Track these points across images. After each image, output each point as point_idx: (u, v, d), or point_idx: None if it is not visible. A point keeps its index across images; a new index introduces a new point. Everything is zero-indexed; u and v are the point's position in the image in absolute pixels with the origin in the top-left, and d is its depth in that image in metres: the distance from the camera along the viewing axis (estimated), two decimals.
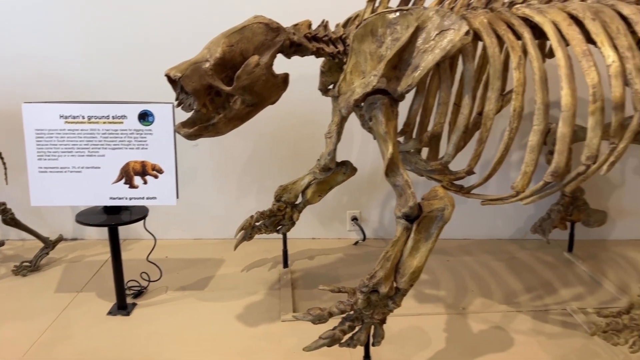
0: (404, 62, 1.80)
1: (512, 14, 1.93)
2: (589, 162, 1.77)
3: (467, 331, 2.22)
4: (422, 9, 1.83)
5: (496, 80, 1.86)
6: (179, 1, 2.84)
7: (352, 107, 1.83)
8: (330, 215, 3.16)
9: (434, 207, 1.77)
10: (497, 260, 2.88)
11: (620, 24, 1.82)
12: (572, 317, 2.31)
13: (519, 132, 1.88)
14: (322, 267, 2.82)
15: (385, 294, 1.75)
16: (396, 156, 1.80)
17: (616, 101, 1.72)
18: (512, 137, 1.85)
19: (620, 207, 3.10)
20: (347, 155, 2.95)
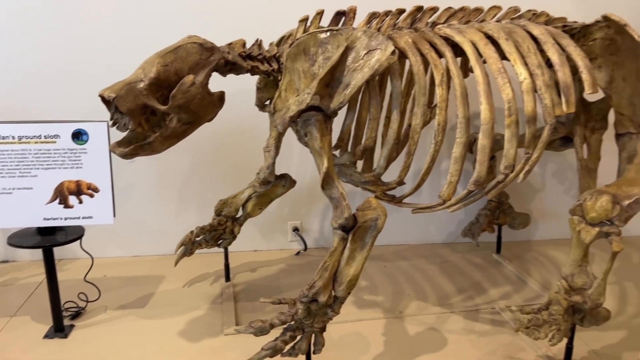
0: (335, 80, 1.88)
1: (434, 34, 2.07)
2: (507, 171, 1.93)
3: (404, 334, 2.33)
4: (351, 29, 1.93)
5: (421, 96, 1.98)
6: (113, 21, 2.81)
7: (288, 124, 1.89)
8: (271, 226, 3.21)
9: (367, 217, 1.86)
10: (431, 264, 3.03)
11: (531, 44, 1.99)
12: (500, 315, 2.46)
13: (449, 144, 2.01)
14: (265, 278, 2.86)
15: (324, 302, 1.82)
16: (331, 170, 1.87)
17: (529, 115, 1.88)
18: (438, 149, 1.98)
19: (542, 209, 3.33)
20: (286, 167, 3.01)
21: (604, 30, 2.11)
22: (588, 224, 1.85)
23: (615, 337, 2.30)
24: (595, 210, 1.82)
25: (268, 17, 2.81)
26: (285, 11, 2.81)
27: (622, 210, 1.82)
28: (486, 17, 2.19)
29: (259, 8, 2.87)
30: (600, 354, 2.17)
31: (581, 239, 1.88)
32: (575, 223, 1.89)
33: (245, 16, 2.84)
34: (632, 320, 2.43)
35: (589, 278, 1.91)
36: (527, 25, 2.08)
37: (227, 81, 2.15)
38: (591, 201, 1.84)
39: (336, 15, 2.10)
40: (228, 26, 2.53)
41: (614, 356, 2.16)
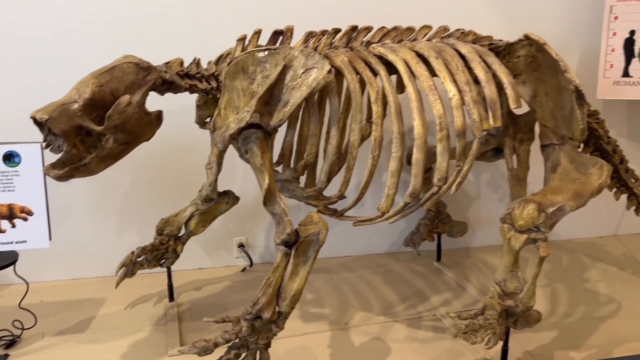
0: (274, 98, 1.92)
1: (369, 52, 2.15)
2: (440, 183, 2.01)
3: (350, 345, 2.37)
4: (288, 48, 1.97)
5: (358, 113, 2.04)
6: (44, 39, 2.73)
7: (228, 141, 1.91)
8: (216, 244, 3.18)
9: (310, 231, 1.89)
10: (375, 274, 3.09)
11: (459, 62, 2.10)
12: (441, 322, 2.55)
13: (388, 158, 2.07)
14: (210, 297, 2.84)
15: (268, 319, 1.83)
16: (273, 186, 1.90)
17: (458, 129, 1.98)
18: (375, 163, 2.05)
19: (479, 217, 3.47)
20: (230, 183, 3.01)
21: (526, 48, 2.24)
22: (517, 231, 1.96)
23: (547, 337, 2.42)
24: (522, 218, 1.93)
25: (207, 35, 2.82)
26: (224, 28, 2.84)
27: (547, 217, 1.94)
28: (418, 36, 2.29)
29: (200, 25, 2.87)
30: (534, 354, 2.29)
31: (511, 245, 1.98)
32: (505, 231, 2.00)
33: (185, 34, 2.84)
34: (562, 321, 2.58)
35: (519, 283, 2.01)
36: (455, 44, 2.19)
37: (168, 98, 2.15)
38: (519, 210, 1.95)
39: (274, 35, 2.14)
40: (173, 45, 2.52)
41: (547, 355, 2.28)
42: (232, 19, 2.87)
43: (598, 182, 2.08)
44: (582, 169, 2.14)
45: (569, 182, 2.10)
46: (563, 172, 2.17)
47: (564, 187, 2.07)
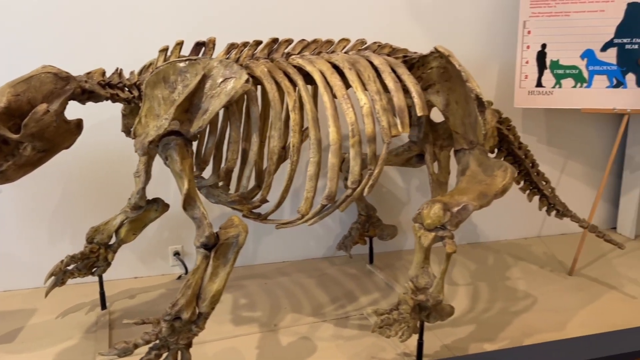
0: (194, 106, 2.00)
1: (288, 63, 2.26)
2: (353, 185, 2.13)
3: (277, 345, 2.45)
4: (208, 59, 2.06)
5: (277, 121, 2.14)
6: None
7: (147, 148, 1.97)
8: (151, 252, 3.21)
9: (229, 234, 1.97)
10: (309, 277, 3.19)
11: (372, 72, 2.23)
12: (366, 320, 2.66)
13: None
14: (144, 304, 2.86)
15: (187, 319, 1.89)
16: (192, 191, 1.97)
17: (369, 135, 2.11)
18: (294, 168, 2.15)
19: (409, 221, 3.62)
20: (164, 190, 3.06)
21: (437, 59, 2.40)
22: (426, 229, 2.10)
23: (465, 331, 2.57)
24: (430, 217, 2.07)
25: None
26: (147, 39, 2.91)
27: (453, 216, 2.08)
28: (336, 48, 2.42)
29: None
30: (450, 347, 2.43)
31: (421, 243, 2.11)
32: (416, 229, 2.13)
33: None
34: (481, 316, 2.73)
35: (430, 278, 2.15)
36: (369, 56, 2.33)
37: (100, 105, 2.20)
38: (427, 210, 2.09)
39: (196, 46, 2.22)
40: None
41: (463, 348, 2.42)
42: (155, 29, 2.93)
43: (502, 183, 2.24)
44: (489, 172, 2.30)
45: (476, 183, 2.26)
46: (471, 174, 2.32)
47: (471, 188, 2.22)
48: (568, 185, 3.88)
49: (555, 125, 3.76)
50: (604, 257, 3.50)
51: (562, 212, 2.95)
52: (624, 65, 3.07)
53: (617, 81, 3.09)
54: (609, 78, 3.11)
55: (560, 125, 3.76)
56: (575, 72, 3.16)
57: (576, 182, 3.91)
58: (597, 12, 3.09)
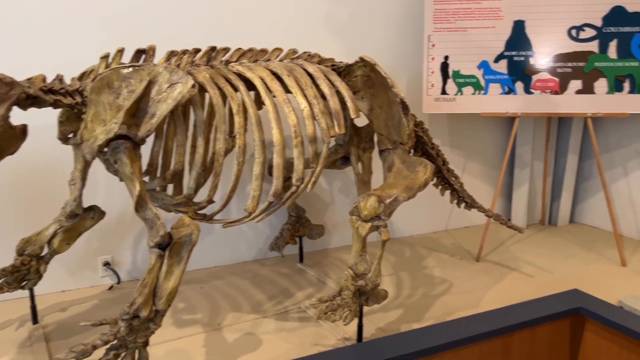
0: (141, 110, 2.06)
1: (228, 70, 2.38)
2: (298, 183, 2.30)
3: (224, 342, 2.53)
4: (152, 65, 2.13)
5: (222, 124, 2.26)
6: None
7: (96, 152, 2.00)
8: (79, 264, 3.13)
9: (182, 233, 2.05)
10: (244, 279, 3.29)
11: (307, 79, 2.42)
12: (305, 313, 2.82)
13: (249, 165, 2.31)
14: (77, 316, 2.79)
15: (146, 317, 1.94)
16: (143, 193, 2.03)
17: (310, 136, 2.29)
18: (240, 169, 2.27)
19: (334, 221, 3.85)
20: (92, 200, 3.01)
21: (362, 68, 2.65)
22: (363, 220, 2.31)
23: (395, 315, 2.82)
24: (366, 209, 2.29)
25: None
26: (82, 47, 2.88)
27: (386, 207, 2.32)
28: (271, 56, 2.58)
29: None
30: (385, 330, 2.65)
31: (359, 233, 2.33)
32: (354, 221, 2.34)
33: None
34: (406, 301, 3.00)
35: (368, 265, 2.36)
36: (303, 64, 2.52)
37: (27, 114, 2.16)
38: (363, 202, 2.31)
39: (137, 53, 2.28)
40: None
41: (395, 329, 2.66)
42: (93, 39, 2.92)
43: (424, 177, 2.53)
44: (411, 168, 2.58)
45: (402, 178, 2.53)
46: (396, 171, 2.59)
47: (398, 183, 2.48)
48: (468, 183, 4.33)
49: (457, 129, 4.19)
50: (503, 244, 3.96)
51: (470, 204, 3.32)
52: (513, 75, 3.54)
53: (509, 88, 3.56)
54: (502, 86, 3.57)
55: (461, 129, 4.21)
56: (474, 80, 3.58)
57: (475, 180, 4.38)
58: (490, 29, 3.54)
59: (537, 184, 4.37)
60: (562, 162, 4.34)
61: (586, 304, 2.64)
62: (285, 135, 2.29)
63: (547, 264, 3.54)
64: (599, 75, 3.48)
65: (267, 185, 3.26)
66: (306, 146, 2.99)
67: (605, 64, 3.46)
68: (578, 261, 3.59)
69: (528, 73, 3.53)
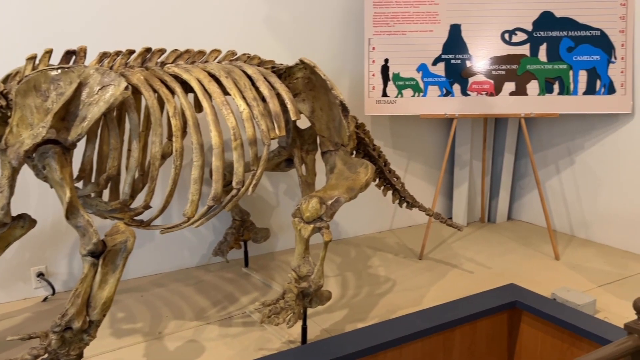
0: (71, 114, 1.98)
1: (164, 72, 2.33)
2: (238, 186, 2.28)
3: (165, 351, 2.46)
4: (83, 67, 2.06)
5: (157, 127, 2.20)
6: None
7: (23, 158, 1.91)
8: (11, 276, 2.97)
9: (117, 240, 1.98)
10: (187, 286, 3.22)
11: (247, 81, 2.40)
12: (250, 317, 2.79)
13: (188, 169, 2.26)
14: (9, 330, 2.65)
15: (79, 328, 1.86)
16: (74, 199, 1.95)
17: (250, 138, 2.28)
18: (178, 172, 2.22)
19: (279, 223, 3.83)
20: (24, 208, 2.87)
21: (302, 70, 2.65)
22: (305, 222, 2.31)
23: (340, 315, 2.83)
24: (308, 211, 2.29)
25: None
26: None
27: (328, 208, 2.33)
28: (209, 58, 2.54)
29: None
30: (329, 330, 2.66)
31: (302, 235, 2.32)
32: (296, 223, 2.34)
33: None
34: (351, 301, 3.03)
35: (311, 266, 2.36)
36: (242, 65, 2.50)
37: None
38: (305, 204, 2.31)
39: (66, 54, 2.19)
40: None
41: (340, 329, 2.68)
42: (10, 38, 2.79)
43: (365, 178, 2.56)
44: (353, 169, 2.60)
45: (343, 179, 2.55)
46: (338, 172, 2.60)
47: (339, 184, 2.50)
48: (411, 183, 4.42)
49: (398, 131, 4.27)
50: (444, 242, 4.06)
51: (411, 204, 3.39)
52: (451, 77, 3.65)
53: (447, 90, 3.66)
54: (440, 88, 3.66)
55: (403, 131, 4.29)
56: (413, 83, 3.66)
57: (417, 179, 4.47)
58: (427, 32, 3.63)
59: (476, 182, 4.52)
60: (499, 161, 4.50)
61: (522, 298, 2.75)
62: (224, 138, 2.24)
63: (486, 260, 3.66)
64: (530, 77, 3.63)
65: (208, 189, 3.21)
66: (246, 149, 2.96)
67: (536, 67, 3.62)
68: (515, 257, 3.73)
69: (465, 75, 3.65)
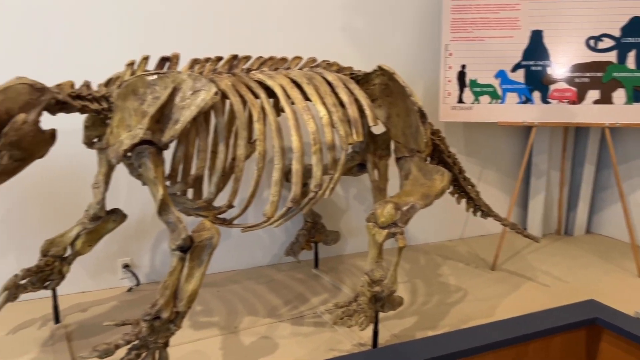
0: (165, 116, 2.11)
1: (249, 78, 2.43)
2: (316, 189, 2.34)
3: (240, 345, 2.56)
4: (177, 72, 2.19)
5: (243, 131, 2.30)
6: None
7: (122, 157, 2.06)
8: (99, 266, 3.19)
9: (203, 237, 2.09)
10: (259, 284, 3.32)
11: (327, 87, 2.47)
12: (321, 318, 2.85)
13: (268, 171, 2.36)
14: (98, 316, 2.85)
15: (166, 318, 1.98)
16: (166, 197, 2.08)
17: (329, 143, 2.33)
18: (260, 174, 2.31)
19: (349, 227, 3.88)
20: (114, 204, 3.07)
21: (380, 77, 2.69)
22: (379, 227, 2.34)
23: (410, 322, 2.83)
24: (383, 216, 2.31)
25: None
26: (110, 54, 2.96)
27: (403, 214, 2.35)
28: (291, 65, 2.63)
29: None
30: (399, 336, 2.67)
31: (376, 240, 2.35)
32: (370, 228, 2.37)
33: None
34: (421, 308, 3.02)
35: (384, 271, 2.39)
36: (323, 72, 2.57)
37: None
38: (380, 209, 2.33)
39: (161, 60, 2.34)
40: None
41: (410, 335, 2.68)
42: (121, 45, 3.00)
43: (441, 185, 2.55)
44: (428, 176, 2.60)
45: (418, 186, 2.55)
46: (413, 178, 2.61)
47: (415, 190, 2.51)
48: (484, 191, 4.33)
49: (472, 138, 4.21)
50: (518, 253, 3.95)
51: (486, 213, 3.33)
52: (531, 84, 3.55)
53: (526, 98, 3.57)
54: (519, 95, 3.58)
55: (477, 138, 4.22)
56: (491, 89, 3.60)
57: (491, 188, 4.38)
58: (507, 38, 3.56)
59: (554, 193, 4.36)
60: (578, 171, 4.33)
61: (603, 315, 2.64)
62: (304, 142, 2.31)
63: (563, 274, 3.53)
64: (617, 85, 3.47)
65: (282, 191, 3.30)
66: (324, 153, 3.02)
67: (624, 75, 3.46)
68: (594, 271, 3.58)
69: (545, 83, 3.54)
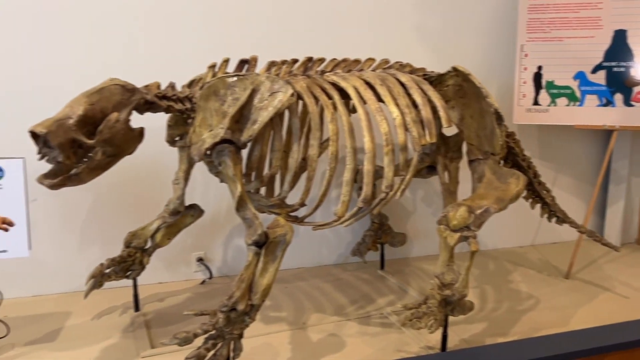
0: (244, 117, 2.20)
1: (324, 80, 2.48)
2: (387, 190, 2.35)
3: (308, 341, 2.62)
4: (255, 74, 2.27)
5: (316, 131, 2.35)
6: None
7: (204, 155, 2.16)
8: (175, 258, 3.35)
9: (277, 233, 2.16)
10: (326, 282, 3.37)
11: (400, 89, 2.47)
12: (387, 319, 2.85)
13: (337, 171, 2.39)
14: (174, 306, 3.00)
15: (242, 310, 2.06)
16: (244, 194, 2.16)
17: (401, 144, 2.34)
18: (332, 174, 2.35)
19: (416, 230, 3.85)
20: (190, 200, 3.21)
21: (454, 78, 2.66)
22: (451, 230, 2.32)
23: (479, 327, 2.78)
24: (456, 219, 2.29)
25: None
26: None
27: (476, 217, 2.32)
28: (364, 66, 2.65)
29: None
30: (468, 341, 2.63)
31: (447, 243, 2.33)
32: (442, 230, 2.35)
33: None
34: (491, 314, 2.95)
35: (455, 275, 2.36)
36: (396, 73, 2.57)
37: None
38: (453, 212, 2.31)
39: (240, 63, 2.43)
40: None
41: (479, 341, 2.63)
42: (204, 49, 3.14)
43: (516, 189, 2.49)
44: (503, 179, 2.55)
45: (492, 189, 2.50)
46: (487, 181, 2.57)
47: (489, 194, 2.46)
48: (558, 196, 4.15)
49: (547, 141, 4.06)
50: (594, 262, 3.78)
51: (562, 219, 3.21)
52: (612, 86, 3.39)
53: (607, 100, 3.41)
54: (599, 97, 3.43)
55: (552, 141, 4.07)
56: (569, 91, 3.47)
57: (565, 193, 4.21)
58: (588, 38, 3.41)
59: (634, 200, 4.14)
60: None
61: None
62: (376, 144, 2.33)
63: None
64: None
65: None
66: (396, 154, 3.02)
67: None
68: None
69: (629, 85, 3.37)
